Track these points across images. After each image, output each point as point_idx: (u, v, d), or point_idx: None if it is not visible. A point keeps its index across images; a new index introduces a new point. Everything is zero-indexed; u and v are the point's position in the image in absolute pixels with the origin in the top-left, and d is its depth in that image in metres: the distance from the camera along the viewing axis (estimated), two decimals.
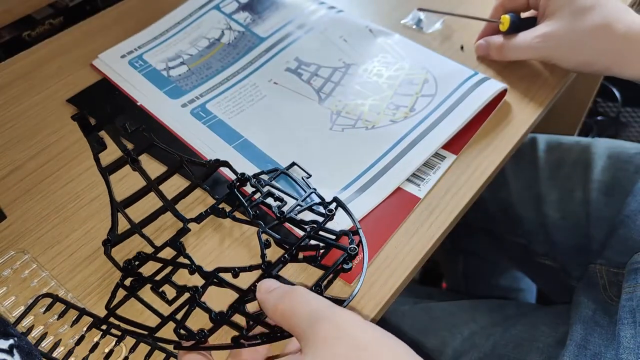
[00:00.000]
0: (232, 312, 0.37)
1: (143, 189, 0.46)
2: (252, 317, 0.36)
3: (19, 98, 0.56)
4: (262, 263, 0.40)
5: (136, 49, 0.60)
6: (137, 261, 0.42)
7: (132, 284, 0.41)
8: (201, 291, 0.39)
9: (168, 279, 0.41)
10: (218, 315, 0.37)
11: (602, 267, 0.56)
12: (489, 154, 0.50)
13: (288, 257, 0.40)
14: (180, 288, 0.40)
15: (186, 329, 0.37)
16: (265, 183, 0.46)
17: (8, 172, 0.50)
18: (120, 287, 0.40)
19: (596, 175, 0.63)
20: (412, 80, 0.54)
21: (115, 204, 0.44)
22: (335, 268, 0.38)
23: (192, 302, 0.39)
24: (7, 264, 0.43)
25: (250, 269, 0.40)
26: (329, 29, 0.60)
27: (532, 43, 0.52)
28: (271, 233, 0.42)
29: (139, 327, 0.39)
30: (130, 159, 0.44)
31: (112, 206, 0.44)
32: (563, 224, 0.64)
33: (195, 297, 0.39)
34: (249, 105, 0.54)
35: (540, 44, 0.51)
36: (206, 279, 0.40)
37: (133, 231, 0.44)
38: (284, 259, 0.40)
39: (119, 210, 0.44)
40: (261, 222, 0.43)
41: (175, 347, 0.37)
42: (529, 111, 0.53)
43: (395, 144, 0.49)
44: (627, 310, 0.46)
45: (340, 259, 0.38)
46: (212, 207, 0.45)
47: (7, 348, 0.34)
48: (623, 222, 0.56)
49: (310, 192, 0.45)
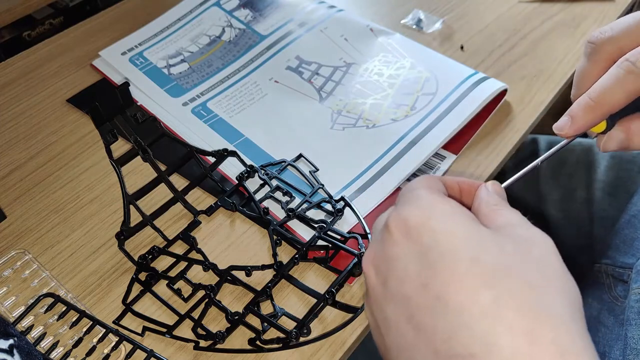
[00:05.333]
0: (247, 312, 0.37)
1: (153, 181, 0.46)
2: (267, 319, 0.36)
3: (19, 98, 0.56)
4: (274, 263, 0.40)
5: (137, 45, 0.60)
6: (150, 255, 0.42)
7: (147, 279, 0.41)
8: (216, 290, 0.39)
9: (183, 275, 0.41)
10: (234, 315, 0.37)
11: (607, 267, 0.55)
12: (489, 154, 0.50)
13: (299, 257, 0.40)
14: (196, 286, 0.40)
15: (204, 329, 0.37)
16: (272, 175, 0.46)
17: (8, 171, 0.50)
18: (136, 281, 0.40)
19: (599, 175, 0.63)
20: (413, 78, 0.54)
21: (127, 197, 0.43)
22: (346, 273, 0.38)
23: (209, 300, 0.39)
24: (8, 264, 0.43)
25: (263, 268, 0.41)
26: (329, 28, 0.60)
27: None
28: (282, 232, 0.42)
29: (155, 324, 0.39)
30: (141, 150, 0.44)
31: (124, 199, 0.44)
32: (565, 224, 0.64)
33: (211, 296, 0.39)
34: (249, 103, 0.54)
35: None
36: (220, 276, 0.40)
37: (144, 223, 0.44)
38: (296, 259, 0.40)
39: (132, 203, 0.44)
40: (272, 219, 0.43)
41: (195, 347, 0.37)
42: (529, 111, 0.53)
43: (396, 143, 0.49)
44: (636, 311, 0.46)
45: (351, 265, 0.39)
46: (222, 200, 0.45)
47: (7, 348, 0.34)
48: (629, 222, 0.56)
49: (317, 187, 0.45)
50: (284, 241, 0.43)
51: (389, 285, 0.27)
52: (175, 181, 0.47)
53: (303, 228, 0.44)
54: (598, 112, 0.33)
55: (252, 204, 0.45)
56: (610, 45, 0.33)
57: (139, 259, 0.41)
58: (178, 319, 0.38)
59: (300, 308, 0.39)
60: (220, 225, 0.45)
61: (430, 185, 0.30)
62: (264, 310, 0.39)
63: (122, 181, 0.43)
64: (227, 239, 0.44)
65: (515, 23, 0.63)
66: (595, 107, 0.33)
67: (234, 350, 0.37)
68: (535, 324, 0.23)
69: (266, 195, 0.45)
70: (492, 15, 0.64)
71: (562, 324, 0.23)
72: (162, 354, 0.37)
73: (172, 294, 0.40)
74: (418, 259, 0.26)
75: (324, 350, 0.37)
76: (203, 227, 0.45)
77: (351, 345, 0.38)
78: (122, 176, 0.43)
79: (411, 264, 0.26)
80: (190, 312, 0.39)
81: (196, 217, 0.45)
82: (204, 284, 0.40)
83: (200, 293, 0.40)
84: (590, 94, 0.33)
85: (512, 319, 0.23)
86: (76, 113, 0.55)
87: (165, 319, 0.39)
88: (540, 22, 0.63)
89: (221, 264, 0.41)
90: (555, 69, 0.56)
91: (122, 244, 0.43)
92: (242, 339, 0.38)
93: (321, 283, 0.41)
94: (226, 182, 0.48)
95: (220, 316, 0.39)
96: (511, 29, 0.62)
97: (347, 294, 0.40)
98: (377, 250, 0.29)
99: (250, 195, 0.45)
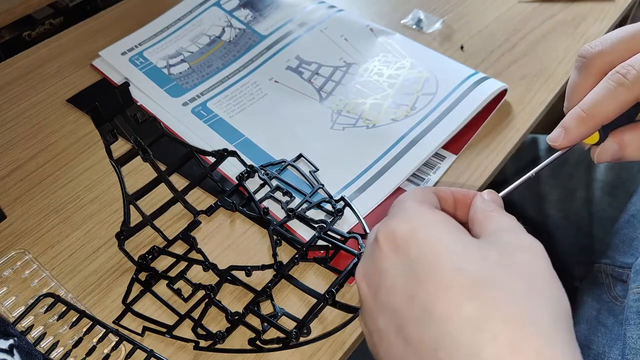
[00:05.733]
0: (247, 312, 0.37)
1: (153, 181, 0.46)
2: (267, 319, 0.36)
3: (19, 98, 0.56)
4: (274, 263, 0.40)
5: (137, 45, 0.60)
6: (150, 255, 0.42)
7: (147, 279, 0.41)
8: (216, 289, 0.39)
9: (183, 275, 0.41)
10: (234, 315, 0.37)
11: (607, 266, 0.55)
12: (489, 154, 0.50)
13: (299, 258, 0.40)
14: (196, 286, 0.40)
15: (204, 329, 0.37)
16: (272, 175, 0.46)
17: (8, 171, 0.50)
18: (136, 281, 0.40)
19: (599, 175, 0.63)
20: (413, 78, 0.54)
21: (127, 197, 0.43)
22: (346, 273, 0.38)
23: (209, 300, 0.39)
24: (8, 264, 0.43)
25: (263, 269, 0.41)
26: (329, 28, 0.60)
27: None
28: (282, 232, 0.42)
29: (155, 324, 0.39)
30: (141, 150, 0.44)
31: (124, 199, 0.44)
32: (564, 223, 0.64)
33: (211, 296, 0.39)
34: (249, 103, 0.54)
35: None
36: (220, 276, 0.40)
37: (144, 223, 0.44)
38: (296, 260, 0.40)
39: (132, 203, 0.44)
40: (272, 219, 0.43)
41: (194, 347, 0.37)
42: (529, 111, 0.53)
43: (396, 143, 0.49)
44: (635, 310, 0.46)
45: (351, 265, 0.39)
46: (222, 200, 0.45)
47: (7, 348, 0.34)
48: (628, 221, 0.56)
49: (317, 187, 0.45)
50: (284, 241, 0.43)
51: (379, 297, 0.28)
52: (175, 181, 0.47)
53: (303, 228, 0.44)
54: (590, 123, 0.33)
55: (252, 204, 0.45)
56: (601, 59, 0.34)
57: (139, 259, 0.41)
58: (178, 319, 0.38)
59: (300, 308, 0.39)
60: (220, 226, 0.45)
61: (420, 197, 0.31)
62: (264, 310, 0.39)
63: (122, 181, 0.43)
64: (227, 239, 0.44)
65: (515, 23, 0.63)
66: (588, 119, 0.33)
67: (234, 350, 0.37)
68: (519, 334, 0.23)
69: (266, 195, 0.45)
70: (492, 15, 0.64)
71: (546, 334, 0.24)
72: (162, 354, 0.37)
73: (172, 294, 0.40)
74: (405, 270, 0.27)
75: (324, 350, 0.37)
76: (203, 227, 0.45)
77: (351, 345, 0.38)
78: (122, 176, 0.43)
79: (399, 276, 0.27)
80: (190, 312, 0.39)
81: (196, 217, 0.45)
82: (204, 284, 0.40)
83: (200, 293, 0.40)
84: (582, 106, 0.33)
85: (496, 329, 0.23)
86: (76, 113, 0.55)
87: (165, 319, 0.39)
88: (540, 22, 0.63)
89: (221, 264, 0.41)
90: (556, 69, 0.56)
91: (122, 244, 0.43)
92: (242, 339, 0.38)
93: (321, 283, 0.41)
94: (226, 182, 0.48)
95: (220, 316, 0.39)
96: (511, 29, 0.62)
97: (347, 294, 0.40)
98: (368, 262, 0.29)
99: (250, 195, 0.45)
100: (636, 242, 0.54)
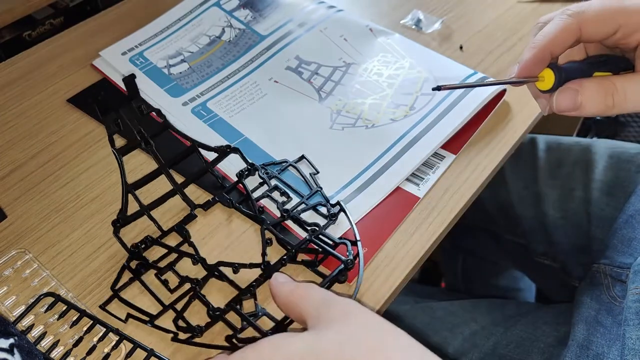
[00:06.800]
0: (228, 308, 0.37)
1: (154, 172, 0.46)
2: (246, 317, 0.36)
3: (19, 98, 0.56)
4: (262, 262, 0.40)
5: (137, 45, 0.60)
6: (143, 244, 0.42)
7: (138, 268, 0.41)
8: (202, 283, 0.40)
9: (172, 267, 0.41)
10: (216, 310, 0.37)
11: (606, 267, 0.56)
12: (488, 154, 0.50)
13: (287, 259, 0.40)
14: (183, 278, 0.40)
15: (185, 321, 0.37)
16: (272, 175, 0.46)
17: (9, 171, 0.50)
18: (126, 268, 0.41)
19: (597, 175, 0.63)
20: (412, 79, 0.54)
21: (126, 186, 0.43)
22: (331, 278, 0.38)
23: (194, 293, 0.39)
24: (8, 263, 0.43)
25: (250, 267, 0.41)
26: (329, 28, 0.60)
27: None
28: (275, 232, 0.42)
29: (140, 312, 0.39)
30: (143, 141, 0.44)
31: (124, 187, 0.44)
32: (563, 223, 0.64)
33: (196, 289, 0.39)
34: (249, 103, 0.54)
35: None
36: (208, 271, 0.40)
37: (141, 213, 0.44)
38: (283, 261, 0.40)
39: (130, 192, 0.44)
40: (265, 219, 0.43)
41: (172, 338, 0.37)
42: (528, 111, 0.53)
43: (395, 142, 0.49)
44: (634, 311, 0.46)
45: (336, 271, 0.38)
46: (220, 195, 0.45)
47: (7, 347, 0.34)
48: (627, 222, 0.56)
49: (315, 190, 0.45)
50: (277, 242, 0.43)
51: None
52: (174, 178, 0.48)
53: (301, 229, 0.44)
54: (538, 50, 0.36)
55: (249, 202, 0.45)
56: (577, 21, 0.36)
57: (132, 247, 0.42)
58: (162, 309, 0.39)
59: None
60: (217, 223, 0.45)
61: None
62: (248, 309, 0.39)
63: (123, 170, 0.43)
64: (224, 236, 0.44)
65: (515, 23, 0.63)
66: (535, 46, 0.36)
67: (209, 346, 0.36)
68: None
69: (263, 194, 0.45)
70: (491, 16, 0.64)
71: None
72: (162, 352, 0.37)
73: (161, 284, 0.40)
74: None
75: None
76: (200, 224, 0.45)
77: None
78: (123, 165, 0.43)
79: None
80: (174, 303, 0.39)
81: (192, 210, 0.45)
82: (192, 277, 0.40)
83: (187, 286, 0.40)
84: (533, 39, 0.37)
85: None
86: (76, 113, 0.55)
87: (150, 309, 0.39)
88: None
89: (214, 260, 0.41)
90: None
91: (117, 231, 0.43)
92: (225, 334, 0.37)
93: None
94: (225, 181, 0.48)
95: (205, 310, 0.39)
96: (510, 29, 0.63)
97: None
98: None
99: (248, 192, 0.45)
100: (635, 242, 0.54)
